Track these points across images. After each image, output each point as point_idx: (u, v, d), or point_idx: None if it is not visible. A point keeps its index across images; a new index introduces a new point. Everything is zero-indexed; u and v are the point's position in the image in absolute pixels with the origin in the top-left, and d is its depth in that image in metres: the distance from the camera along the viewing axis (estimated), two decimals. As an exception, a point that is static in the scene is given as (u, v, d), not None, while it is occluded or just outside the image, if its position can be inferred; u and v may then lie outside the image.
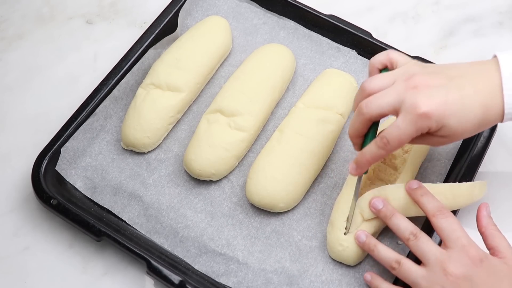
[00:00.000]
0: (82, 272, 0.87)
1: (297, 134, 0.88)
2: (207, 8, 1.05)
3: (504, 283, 0.71)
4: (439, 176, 0.88)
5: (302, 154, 0.86)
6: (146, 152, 0.92)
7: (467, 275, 0.71)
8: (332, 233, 0.82)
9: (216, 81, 0.98)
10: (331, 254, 0.83)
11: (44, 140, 0.92)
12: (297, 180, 0.86)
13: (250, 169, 0.88)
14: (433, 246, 0.74)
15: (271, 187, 0.84)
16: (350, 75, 0.95)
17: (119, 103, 0.96)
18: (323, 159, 0.89)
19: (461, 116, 0.71)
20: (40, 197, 0.87)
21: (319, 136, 0.88)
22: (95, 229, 0.84)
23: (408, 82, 0.72)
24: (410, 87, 0.71)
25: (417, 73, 0.73)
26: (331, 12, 1.01)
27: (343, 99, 0.91)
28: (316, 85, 0.93)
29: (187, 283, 0.80)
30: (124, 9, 1.10)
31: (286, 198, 0.85)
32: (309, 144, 0.87)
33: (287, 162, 0.86)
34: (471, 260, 0.72)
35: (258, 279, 0.83)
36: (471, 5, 1.07)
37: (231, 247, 0.85)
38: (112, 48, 1.04)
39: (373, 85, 0.74)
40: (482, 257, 0.72)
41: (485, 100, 0.72)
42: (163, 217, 0.87)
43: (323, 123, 0.89)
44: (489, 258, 0.73)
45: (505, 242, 0.76)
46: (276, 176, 0.85)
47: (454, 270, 0.71)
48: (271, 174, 0.85)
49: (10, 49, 1.06)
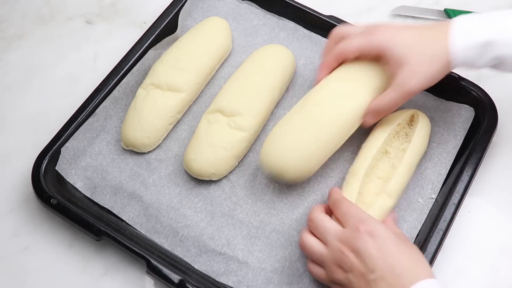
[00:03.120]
0: (82, 272, 0.87)
1: (319, 106, 0.84)
2: (207, 9, 1.05)
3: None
4: (439, 176, 0.88)
5: (321, 127, 0.83)
6: (146, 152, 0.92)
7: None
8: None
9: (216, 82, 0.98)
10: None
11: (44, 140, 0.92)
12: (313, 153, 0.83)
13: (265, 139, 0.86)
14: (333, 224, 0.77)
15: (284, 156, 0.82)
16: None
17: (119, 103, 0.96)
18: (344, 136, 0.85)
19: (407, 47, 0.81)
20: (40, 197, 0.87)
21: (342, 111, 0.84)
22: (95, 228, 0.84)
23: (398, 59, 0.82)
24: (398, 65, 0.81)
25: (381, 25, 0.85)
26: (331, 12, 1.01)
27: (371, 76, 0.86)
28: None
29: (187, 282, 0.80)
30: (124, 9, 1.10)
31: (299, 169, 0.83)
32: (333, 119, 0.84)
33: (304, 133, 0.83)
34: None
35: (258, 278, 0.83)
36: (471, 5, 1.07)
37: (231, 246, 0.85)
38: (112, 48, 1.04)
39: (345, 29, 0.87)
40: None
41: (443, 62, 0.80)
42: (163, 216, 0.87)
43: (348, 98, 0.85)
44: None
45: (398, 229, 0.79)
46: (291, 145, 0.83)
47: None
48: (286, 143, 0.83)
49: (10, 49, 1.06)
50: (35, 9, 1.10)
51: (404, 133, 0.88)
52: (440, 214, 0.84)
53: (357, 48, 0.85)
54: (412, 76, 0.81)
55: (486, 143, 0.88)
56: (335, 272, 0.74)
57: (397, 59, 0.81)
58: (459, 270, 0.85)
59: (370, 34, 0.84)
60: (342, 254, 0.73)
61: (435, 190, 0.87)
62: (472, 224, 0.88)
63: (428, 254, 0.81)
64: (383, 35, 0.83)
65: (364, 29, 0.86)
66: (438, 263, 0.83)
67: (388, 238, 0.72)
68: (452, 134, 0.91)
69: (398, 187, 0.84)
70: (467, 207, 0.88)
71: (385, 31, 0.83)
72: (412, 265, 0.71)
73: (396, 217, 0.84)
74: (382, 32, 0.83)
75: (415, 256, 0.73)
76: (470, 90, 0.92)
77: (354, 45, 0.85)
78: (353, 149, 0.91)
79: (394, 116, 0.88)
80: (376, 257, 0.71)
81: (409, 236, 0.84)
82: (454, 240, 0.86)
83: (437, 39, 0.81)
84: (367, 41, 0.84)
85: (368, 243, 0.72)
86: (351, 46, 0.85)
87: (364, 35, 0.85)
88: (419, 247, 0.82)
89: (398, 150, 0.87)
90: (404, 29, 0.83)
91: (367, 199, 0.83)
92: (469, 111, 0.92)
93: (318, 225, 0.77)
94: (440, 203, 0.85)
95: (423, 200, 0.87)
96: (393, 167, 0.85)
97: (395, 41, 0.82)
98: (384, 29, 0.84)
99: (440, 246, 0.82)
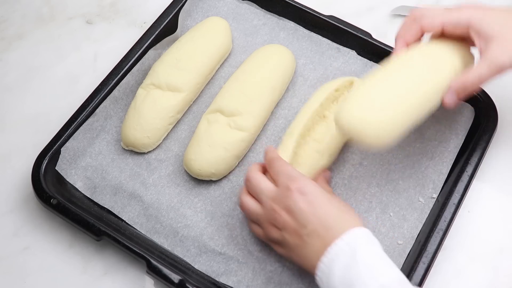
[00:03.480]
0: (82, 272, 0.87)
1: (406, 67, 0.80)
2: (207, 9, 1.05)
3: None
4: (441, 176, 0.88)
5: (407, 90, 0.78)
6: (146, 152, 0.92)
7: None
8: None
9: (216, 82, 0.98)
10: None
11: (44, 140, 0.91)
12: (399, 115, 0.77)
13: (349, 95, 0.79)
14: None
15: (374, 119, 0.76)
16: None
17: (119, 103, 0.96)
18: (426, 109, 0.79)
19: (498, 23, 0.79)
20: (40, 197, 0.87)
21: (429, 76, 0.79)
22: (95, 228, 0.84)
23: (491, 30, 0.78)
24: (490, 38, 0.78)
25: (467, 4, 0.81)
26: (331, 12, 1.01)
27: (453, 54, 0.82)
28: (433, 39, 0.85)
29: (187, 282, 0.80)
30: (124, 9, 1.10)
31: (383, 133, 0.76)
32: (416, 83, 0.79)
33: (390, 93, 0.78)
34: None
35: (258, 278, 0.83)
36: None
37: (231, 246, 0.85)
38: (112, 48, 1.04)
39: (425, 10, 0.82)
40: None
41: None
42: (163, 216, 0.87)
43: (431, 72, 0.80)
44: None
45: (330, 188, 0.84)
46: (379, 103, 0.77)
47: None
48: (375, 101, 0.77)
49: (10, 49, 1.06)
50: (35, 9, 1.10)
51: (343, 99, 0.89)
52: (440, 214, 0.84)
53: (441, 22, 0.81)
54: (504, 51, 0.77)
55: (486, 143, 0.88)
56: (271, 230, 0.78)
57: (487, 35, 0.78)
58: (459, 270, 0.85)
59: (456, 10, 0.81)
60: (274, 212, 0.76)
61: (436, 190, 0.87)
62: (472, 224, 0.88)
63: (428, 254, 0.81)
64: (470, 11, 0.80)
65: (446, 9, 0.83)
66: (438, 263, 0.83)
67: (317, 193, 0.75)
68: (454, 132, 0.91)
69: (331, 147, 0.87)
70: (467, 207, 0.88)
71: (473, 8, 0.80)
72: (341, 217, 0.74)
73: (328, 176, 0.87)
74: (469, 9, 0.80)
75: (344, 208, 0.76)
76: (470, 90, 0.92)
77: (438, 19, 0.81)
78: (353, 150, 0.91)
79: (332, 82, 0.91)
80: (306, 212, 0.74)
81: (409, 236, 0.84)
82: (454, 240, 0.86)
83: None
84: (453, 17, 0.81)
85: (298, 200, 0.74)
86: (435, 19, 0.81)
87: (449, 11, 0.81)
88: (419, 247, 0.82)
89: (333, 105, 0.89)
90: (491, 9, 0.80)
91: (302, 160, 0.86)
92: (470, 110, 0.92)
93: (254, 185, 0.80)
94: (440, 203, 0.85)
95: (424, 200, 0.87)
96: (328, 130, 0.87)
97: (485, 17, 0.79)
98: (472, 7, 0.80)
99: (440, 246, 0.82)
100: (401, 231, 0.85)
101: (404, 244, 0.84)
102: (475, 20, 0.79)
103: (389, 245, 0.84)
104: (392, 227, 0.85)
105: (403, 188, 0.87)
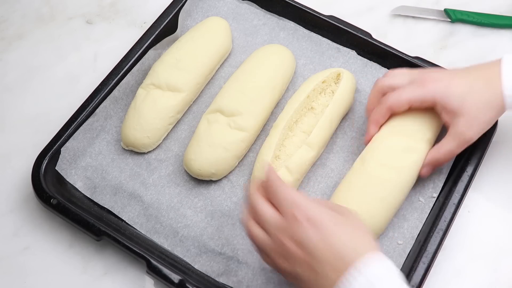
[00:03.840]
0: (82, 272, 0.87)
1: (381, 165, 0.83)
2: (207, 9, 1.05)
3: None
4: (441, 175, 0.88)
5: (383, 186, 0.82)
6: (146, 152, 0.92)
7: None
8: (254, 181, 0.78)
9: (216, 82, 0.98)
10: None
11: (44, 140, 0.91)
12: (381, 214, 0.82)
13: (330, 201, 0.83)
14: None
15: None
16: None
17: (119, 103, 0.96)
18: (407, 190, 0.84)
19: (462, 97, 0.81)
20: (40, 197, 0.87)
21: (404, 167, 0.84)
22: (95, 228, 0.84)
23: (456, 108, 0.82)
24: (456, 115, 0.82)
25: (428, 74, 0.85)
26: (331, 12, 1.01)
27: (423, 127, 0.86)
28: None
29: (187, 283, 0.80)
30: (124, 9, 1.10)
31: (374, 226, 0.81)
32: (394, 176, 0.83)
33: (371, 196, 0.82)
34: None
35: (258, 278, 0.83)
36: (471, 5, 1.07)
37: (231, 246, 0.85)
38: (112, 48, 1.04)
39: (390, 81, 0.87)
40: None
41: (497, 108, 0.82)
42: (163, 216, 0.87)
43: (407, 153, 0.84)
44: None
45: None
46: (360, 211, 0.79)
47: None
48: (355, 209, 0.78)
49: (10, 49, 1.06)
50: (35, 9, 1.10)
51: (331, 91, 0.92)
52: (440, 214, 0.84)
53: (408, 101, 0.84)
54: (470, 126, 0.82)
55: (486, 143, 0.88)
56: (281, 263, 0.72)
57: (452, 110, 0.82)
58: (459, 270, 0.85)
59: (420, 85, 0.84)
60: (283, 245, 0.71)
61: (436, 189, 0.87)
62: (472, 224, 0.88)
63: (428, 254, 0.81)
64: (434, 87, 0.83)
65: (409, 78, 0.85)
66: (438, 263, 0.83)
67: (326, 219, 0.70)
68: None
69: (319, 138, 0.88)
70: (467, 207, 0.88)
71: (435, 81, 0.83)
72: (355, 242, 0.69)
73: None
74: (432, 83, 0.83)
75: (356, 229, 0.71)
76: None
77: (405, 98, 0.84)
78: (353, 150, 0.91)
79: (319, 74, 0.92)
80: (317, 243, 0.69)
81: (409, 236, 0.84)
82: (454, 240, 0.86)
83: (490, 84, 0.82)
84: (418, 94, 0.83)
85: (307, 230, 0.69)
86: (402, 99, 0.84)
87: (413, 86, 0.84)
88: (419, 247, 0.82)
89: (324, 107, 0.90)
90: (454, 77, 0.83)
91: (289, 151, 0.87)
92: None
93: (258, 214, 0.74)
94: (440, 203, 0.85)
95: (424, 199, 0.87)
96: (316, 121, 0.88)
97: (448, 92, 0.82)
98: (434, 80, 0.83)
99: (440, 246, 0.82)
100: (401, 231, 0.85)
101: (404, 244, 0.84)
102: (440, 96, 0.82)
103: (389, 245, 0.84)
104: (392, 227, 0.85)
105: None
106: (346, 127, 0.93)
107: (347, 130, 0.93)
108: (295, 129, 0.89)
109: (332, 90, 0.92)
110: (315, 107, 0.90)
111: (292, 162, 0.85)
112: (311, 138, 0.87)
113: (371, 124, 0.88)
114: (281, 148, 0.87)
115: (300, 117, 0.90)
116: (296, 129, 0.89)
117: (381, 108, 0.86)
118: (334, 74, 0.92)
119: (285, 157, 0.87)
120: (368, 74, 0.97)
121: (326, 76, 0.92)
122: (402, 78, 0.86)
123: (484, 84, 0.82)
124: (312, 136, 0.87)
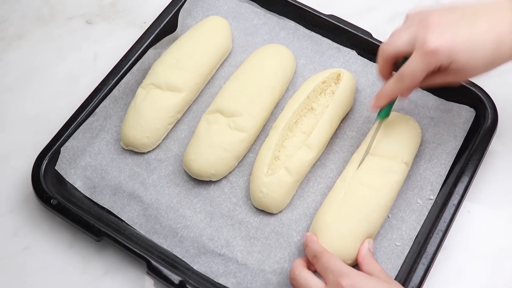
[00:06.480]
0: (82, 272, 0.87)
1: (362, 186, 0.83)
2: (207, 8, 1.05)
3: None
4: (439, 178, 0.88)
5: (368, 207, 0.82)
6: (145, 152, 0.92)
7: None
8: (254, 181, 0.85)
9: (216, 81, 0.98)
10: (253, 202, 0.86)
11: (44, 140, 0.92)
12: (363, 235, 0.82)
13: (312, 222, 0.84)
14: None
15: (337, 244, 0.81)
16: (413, 120, 0.90)
17: (119, 103, 0.96)
18: (387, 212, 0.85)
19: (470, 51, 0.74)
20: (40, 197, 0.87)
21: (384, 187, 0.84)
22: (95, 229, 0.84)
23: (421, 22, 0.76)
24: (422, 26, 0.76)
25: (431, 13, 0.77)
26: (331, 12, 1.01)
27: (407, 147, 0.87)
28: (380, 133, 0.87)
29: (187, 283, 0.80)
30: (124, 9, 1.10)
31: (353, 254, 0.81)
32: (375, 196, 0.83)
33: (352, 216, 0.82)
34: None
35: (257, 279, 0.83)
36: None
37: (230, 247, 0.85)
38: (112, 48, 1.04)
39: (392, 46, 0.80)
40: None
41: (497, 36, 0.75)
42: (162, 217, 0.87)
43: (388, 173, 0.85)
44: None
45: (378, 266, 0.78)
46: (342, 231, 0.81)
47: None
48: (337, 230, 0.81)
49: (10, 49, 1.06)
50: (35, 9, 1.10)
51: (331, 91, 0.92)
52: (440, 214, 0.83)
53: (423, 75, 0.77)
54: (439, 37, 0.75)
55: (486, 143, 0.88)
56: None
57: (425, 24, 0.76)
58: (459, 270, 0.85)
59: (427, 54, 0.75)
60: None
61: (434, 191, 0.87)
62: (472, 224, 0.88)
63: (428, 254, 0.81)
64: (442, 50, 0.74)
65: (409, 36, 0.77)
66: (438, 263, 0.83)
67: (370, 286, 0.72)
68: (452, 135, 0.91)
69: (319, 139, 0.88)
70: (467, 207, 0.88)
71: (438, 38, 0.74)
72: None
73: (372, 246, 0.82)
74: (438, 44, 0.74)
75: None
76: (471, 90, 0.92)
77: (419, 73, 0.77)
78: (353, 150, 0.91)
79: (319, 74, 0.92)
80: None
81: (408, 238, 0.84)
82: (454, 240, 0.86)
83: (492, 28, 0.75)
84: (430, 64, 0.75)
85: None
86: (417, 75, 0.77)
87: (422, 56, 0.75)
88: (418, 248, 0.82)
89: (323, 107, 0.90)
90: (458, 28, 0.75)
91: (289, 152, 0.87)
92: (469, 112, 0.92)
93: (301, 285, 0.75)
94: (440, 204, 0.85)
95: (422, 201, 0.87)
96: (316, 122, 0.88)
97: (456, 52, 0.74)
98: (437, 36, 0.75)
99: (440, 247, 0.82)
100: (399, 232, 0.85)
101: (402, 245, 0.84)
102: (449, 59, 0.75)
103: (387, 246, 0.84)
104: (391, 229, 0.85)
105: (402, 190, 0.87)
106: (346, 127, 0.93)
107: (347, 130, 0.93)
108: (295, 129, 0.89)
109: (332, 91, 0.92)
110: (315, 107, 0.90)
111: (292, 163, 0.86)
112: (311, 140, 0.87)
113: (381, 96, 0.82)
114: (280, 148, 0.87)
115: (300, 117, 0.90)
116: (296, 130, 0.89)
117: (399, 85, 0.79)
118: (334, 75, 0.92)
119: (285, 158, 0.87)
120: (368, 74, 0.97)
121: (326, 77, 0.91)
122: (403, 38, 0.78)
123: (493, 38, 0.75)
124: (312, 138, 0.87)
